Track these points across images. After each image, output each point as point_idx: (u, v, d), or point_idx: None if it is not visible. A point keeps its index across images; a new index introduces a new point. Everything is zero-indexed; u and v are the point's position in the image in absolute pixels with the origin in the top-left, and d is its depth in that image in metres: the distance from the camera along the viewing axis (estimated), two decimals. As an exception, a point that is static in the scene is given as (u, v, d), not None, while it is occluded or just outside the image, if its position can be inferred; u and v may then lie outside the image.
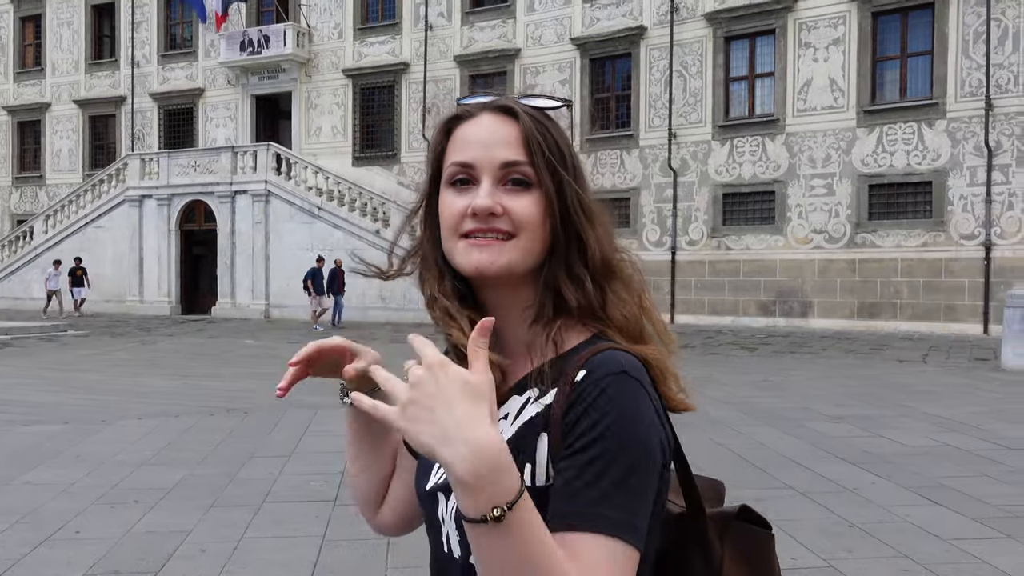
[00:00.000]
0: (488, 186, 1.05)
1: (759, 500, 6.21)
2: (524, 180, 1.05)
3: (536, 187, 1.05)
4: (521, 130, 1.06)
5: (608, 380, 0.99)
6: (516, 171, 1.05)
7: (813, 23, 21.29)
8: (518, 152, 1.05)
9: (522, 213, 1.04)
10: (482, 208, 1.04)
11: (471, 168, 1.06)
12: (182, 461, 7.44)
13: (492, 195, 1.05)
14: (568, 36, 24.97)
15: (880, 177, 20.39)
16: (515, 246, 1.05)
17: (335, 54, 29.16)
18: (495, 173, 1.05)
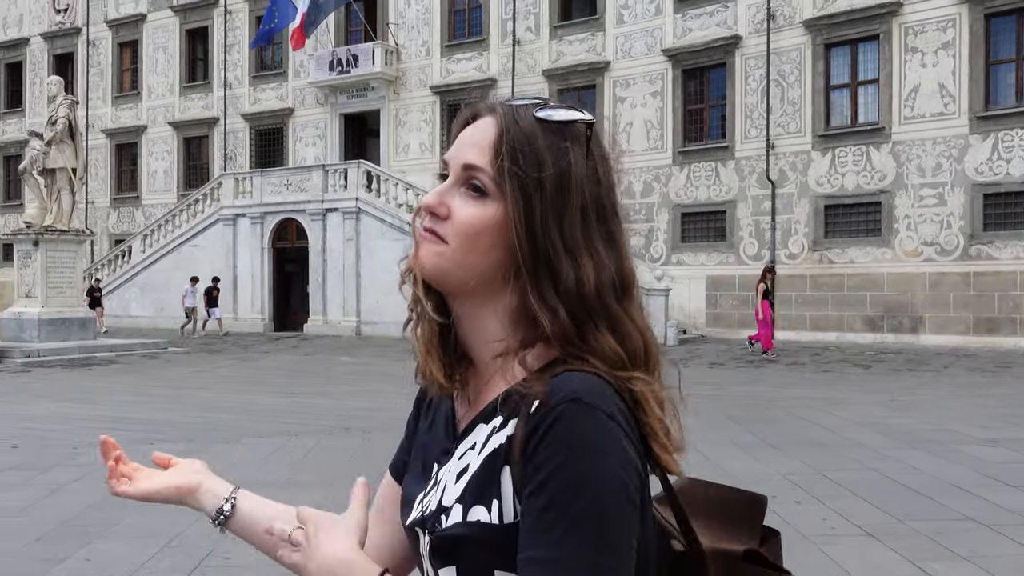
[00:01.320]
0: (446, 185, 1.00)
1: (939, 533, 5.75)
2: (481, 188, 0.97)
3: (494, 199, 0.97)
4: (496, 135, 0.98)
5: (559, 411, 0.90)
6: (473, 175, 0.98)
7: (920, 27, 20.49)
8: (484, 156, 0.97)
9: (461, 220, 0.97)
10: (425, 205, 0.99)
11: (446, 165, 1.02)
12: (316, 483, 7.27)
13: (441, 193, 0.99)
14: (659, 47, 24.57)
15: (996, 186, 19.46)
16: (446, 254, 0.98)
17: (423, 71, 29.30)
18: (459, 174, 1.00)
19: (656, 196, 24.63)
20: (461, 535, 0.95)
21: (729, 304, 22.89)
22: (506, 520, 0.93)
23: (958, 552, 5.38)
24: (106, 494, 1.08)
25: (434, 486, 1.03)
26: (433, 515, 0.99)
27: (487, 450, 0.97)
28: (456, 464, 1.01)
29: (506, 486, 0.93)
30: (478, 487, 0.95)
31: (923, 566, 5.16)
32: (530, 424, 0.92)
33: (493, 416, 0.99)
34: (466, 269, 0.98)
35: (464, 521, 0.95)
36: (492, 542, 0.93)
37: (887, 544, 5.54)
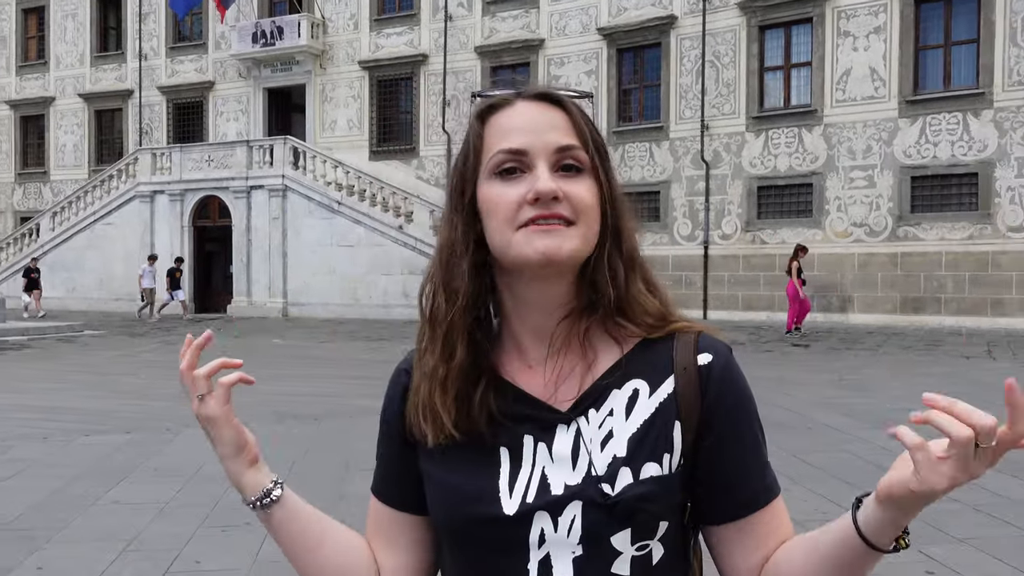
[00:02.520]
0: (545, 169, 1.00)
1: (927, 515, 5.67)
2: (576, 166, 1.02)
3: (588, 173, 1.02)
4: (568, 116, 1.03)
5: (733, 362, 1.05)
6: (570, 155, 1.02)
7: (852, 11, 20.76)
8: (570, 137, 1.02)
9: (581, 198, 1.01)
10: (546, 191, 0.99)
11: (523, 155, 1.01)
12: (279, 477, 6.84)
13: (551, 179, 1.00)
14: (594, 26, 24.38)
15: (923, 169, 19.91)
16: (577, 233, 1.00)
17: (351, 45, 28.50)
18: (550, 158, 1.01)
19: (590, 176, 24.49)
20: (644, 493, 0.98)
21: (663, 284, 22.90)
22: (673, 470, 1.00)
23: (954, 535, 5.32)
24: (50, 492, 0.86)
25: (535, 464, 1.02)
26: (587, 487, 0.99)
27: (641, 411, 1.02)
28: (596, 433, 1.02)
29: (676, 438, 1.01)
30: (646, 446, 1.00)
31: (923, 549, 5.08)
32: (705, 375, 1.03)
33: (625, 380, 1.04)
34: (590, 244, 1.02)
35: (638, 480, 0.99)
36: (663, 494, 0.99)
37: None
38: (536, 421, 1.04)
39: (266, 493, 1.16)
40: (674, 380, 1.03)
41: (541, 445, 1.03)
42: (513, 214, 1.01)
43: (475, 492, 1.03)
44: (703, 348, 1.05)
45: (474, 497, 1.03)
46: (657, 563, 1.01)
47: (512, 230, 1.01)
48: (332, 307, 24.84)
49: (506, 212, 1.01)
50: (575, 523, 0.99)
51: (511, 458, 1.04)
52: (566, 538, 0.99)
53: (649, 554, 1.00)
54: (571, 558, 0.99)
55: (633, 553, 0.99)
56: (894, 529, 0.91)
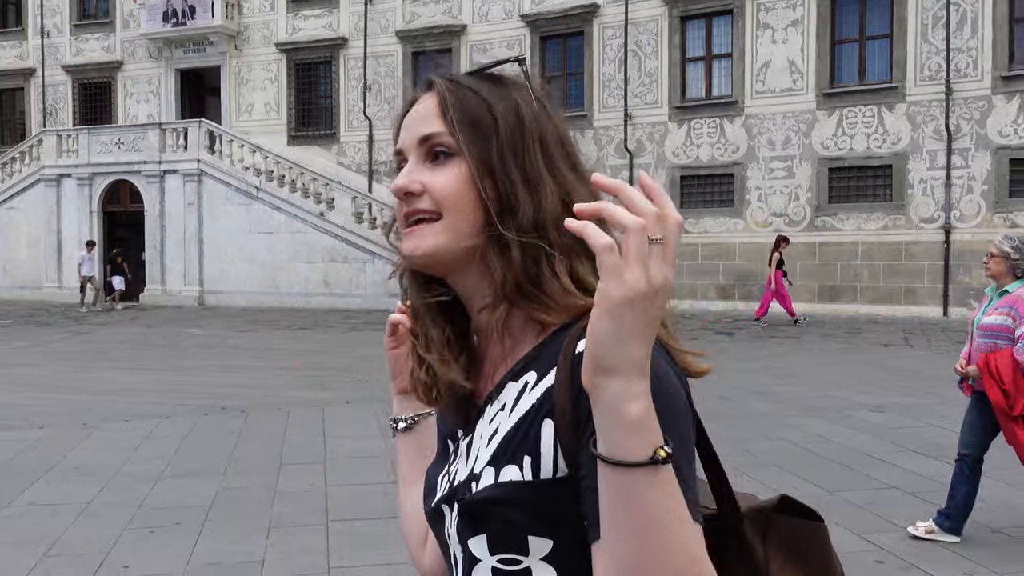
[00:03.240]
0: (410, 165, 0.99)
1: (871, 503, 5.76)
2: (445, 151, 0.97)
3: (459, 156, 0.96)
4: (437, 100, 0.99)
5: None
6: (435, 143, 0.98)
7: (771, 4, 21.08)
8: (434, 123, 0.98)
9: (441, 187, 0.96)
10: (396, 188, 0.98)
11: (402, 155, 1.02)
12: (203, 472, 6.55)
13: (410, 173, 0.98)
14: (517, 13, 24.22)
15: (840, 160, 20.38)
16: (442, 227, 0.96)
17: (267, 27, 27.69)
18: (417, 151, 0.99)
19: (514, 164, 24.38)
20: (491, 497, 0.90)
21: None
22: (542, 475, 0.88)
23: (896, 522, 5.38)
24: None
25: (456, 459, 1.01)
26: (463, 484, 0.95)
27: (519, 409, 0.93)
28: (487, 428, 0.97)
29: (546, 440, 0.89)
30: (511, 446, 0.92)
31: (870, 538, 5.12)
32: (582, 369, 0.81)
33: (524, 372, 0.95)
34: (463, 233, 0.96)
35: (496, 483, 0.91)
36: (525, 502, 0.88)
37: (827, 518, 5.47)
38: (463, 415, 1.03)
39: (394, 421, 1.20)
40: (554, 373, 0.90)
41: (462, 440, 1.02)
42: (399, 211, 1.00)
43: (430, 484, 1.05)
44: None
45: (427, 490, 1.05)
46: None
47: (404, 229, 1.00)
48: (251, 295, 24.18)
49: (399, 213, 1.01)
50: (455, 522, 0.97)
51: (453, 450, 1.04)
52: (454, 535, 0.97)
53: (524, 571, 0.90)
54: (461, 557, 0.96)
55: (494, 564, 0.91)
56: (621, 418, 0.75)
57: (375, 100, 26.23)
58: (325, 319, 20.31)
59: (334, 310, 22.56)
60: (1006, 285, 5.02)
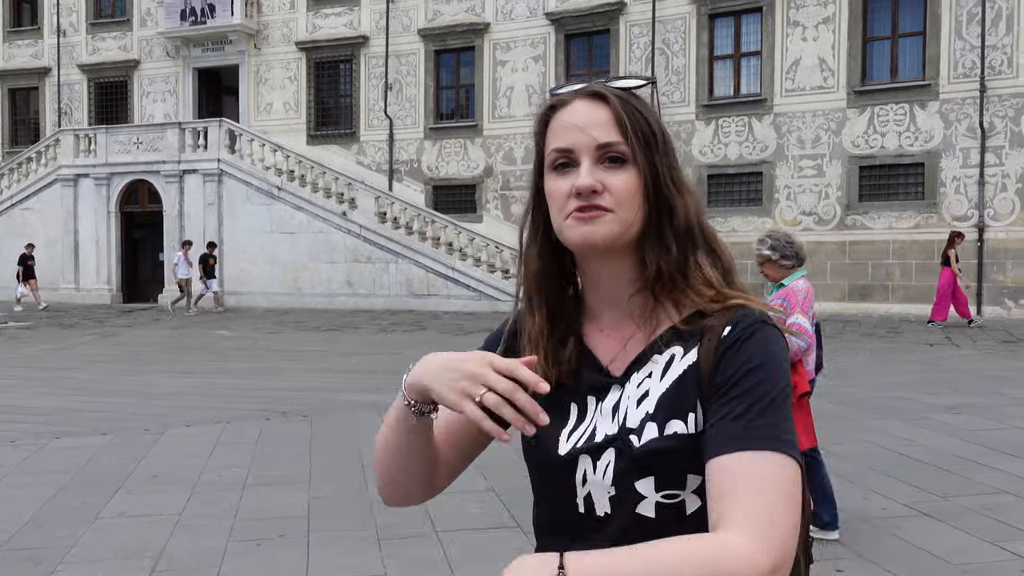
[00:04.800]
0: (588, 166, 1.14)
1: (988, 508, 5.59)
2: (620, 157, 1.14)
3: (631, 163, 1.14)
4: (612, 112, 1.15)
5: (755, 327, 1.12)
6: (612, 150, 1.14)
7: (802, 2, 20.87)
8: (612, 133, 1.14)
9: (620, 188, 1.14)
10: (584, 186, 1.13)
11: (570, 152, 1.16)
12: (289, 480, 6.35)
13: (592, 174, 1.14)
14: (542, 10, 24.02)
15: (871, 159, 20.19)
16: (615, 219, 1.14)
17: (287, 25, 27.49)
18: (593, 154, 1.14)
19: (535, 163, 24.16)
20: (663, 447, 1.11)
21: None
22: (699, 429, 1.10)
23: (1022, 527, 5.20)
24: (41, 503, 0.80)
25: (589, 418, 1.18)
26: (618, 437, 1.14)
27: (672, 374, 1.14)
28: (634, 391, 1.16)
29: (698, 401, 1.11)
30: (672, 405, 1.12)
31: (1005, 546, 4.94)
32: (723, 344, 1.12)
33: (668, 347, 1.16)
34: (631, 226, 1.15)
35: (662, 435, 1.11)
36: (687, 449, 1.10)
37: (951, 524, 5.30)
38: (597, 382, 1.20)
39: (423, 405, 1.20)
40: (697, 350, 1.14)
41: (600, 403, 1.18)
42: (563, 204, 1.16)
43: (544, 436, 1.15)
44: (733, 321, 1.13)
45: (543, 440, 1.17)
46: (692, 513, 1.11)
47: (563, 218, 1.16)
48: (272, 296, 23.98)
49: (558, 202, 1.17)
50: (609, 467, 1.14)
51: (578, 412, 1.20)
52: (602, 480, 1.14)
53: (681, 504, 1.11)
54: (607, 496, 1.14)
55: (658, 499, 1.11)
56: None
57: (396, 99, 26.03)
58: (351, 320, 20.12)
59: (358, 311, 22.37)
60: (782, 279, 5.05)
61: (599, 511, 1.15)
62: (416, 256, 22.73)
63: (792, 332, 4.60)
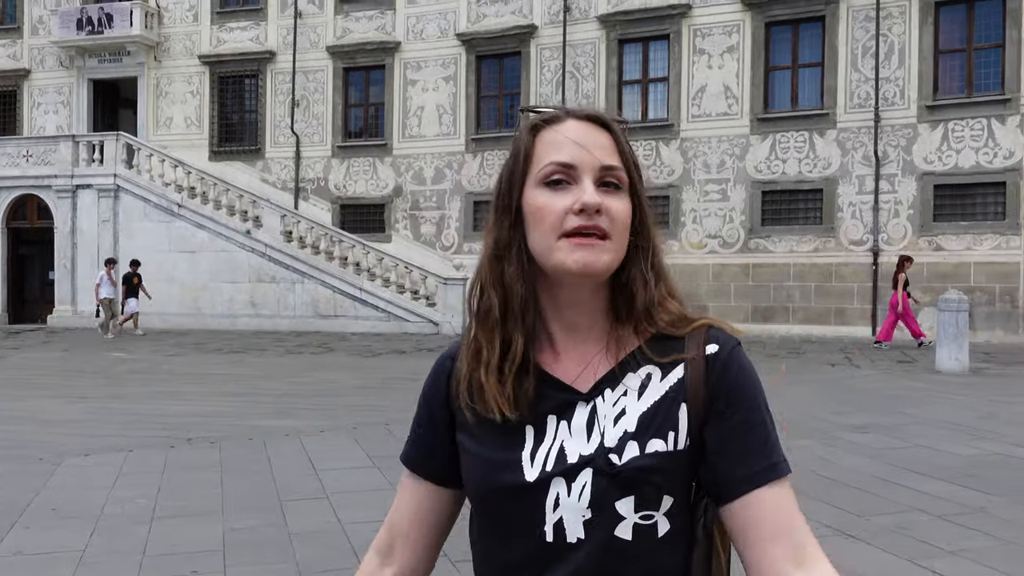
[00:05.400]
0: (591, 184, 1.12)
1: (903, 528, 5.70)
2: (616, 184, 1.14)
3: (625, 191, 1.15)
4: (613, 138, 1.16)
5: (738, 352, 1.17)
6: (613, 175, 1.14)
7: (708, 30, 21.46)
8: (614, 157, 1.15)
9: (618, 213, 1.13)
10: (591, 204, 1.10)
11: (571, 168, 1.13)
12: (199, 512, 6.04)
13: (595, 193, 1.11)
14: (453, 31, 24.03)
15: (773, 184, 20.82)
16: (612, 247, 1.12)
17: (189, 38, 26.76)
18: (595, 174, 1.13)
19: (448, 183, 24.11)
20: (643, 465, 1.10)
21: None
22: (679, 447, 1.12)
23: (941, 547, 5.32)
24: None
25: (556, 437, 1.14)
26: (597, 457, 1.11)
27: (653, 393, 1.14)
28: (610, 410, 1.14)
29: (683, 420, 1.13)
30: (652, 424, 1.12)
31: (924, 564, 5.03)
32: (712, 364, 1.14)
33: (639, 367, 1.16)
34: (621, 256, 1.15)
35: (643, 453, 1.11)
36: (667, 468, 1.11)
37: (872, 543, 5.38)
38: (559, 401, 1.16)
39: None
40: (683, 367, 1.15)
41: (562, 422, 1.15)
42: (559, 222, 1.12)
43: (502, 463, 1.14)
44: (711, 339, 1.16)
45: (501, 467, 1.14)
46: (663, 536, 1.11)
47: (555, 237, 1.12)
48: (170, 317, 23.13)
49: (552, 220, 1.12)
50: (586, 489, 1.10)
51: (535, 433, 1.15)
52: (577, 502, 1.10)
53: (654, 526, 1.11)
54: (581, 521, 1.10)
55: (636, 520, 1.10)
56: None
57: (303, 116, 25.60)
58: (256, 342, 19.57)
59: (262, 332, 21.79)
60: None
61: (571, 537, 1.11)
62: (323, 276, 22.31)
63: None
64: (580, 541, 1.10)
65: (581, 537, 1.10)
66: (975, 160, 18.97)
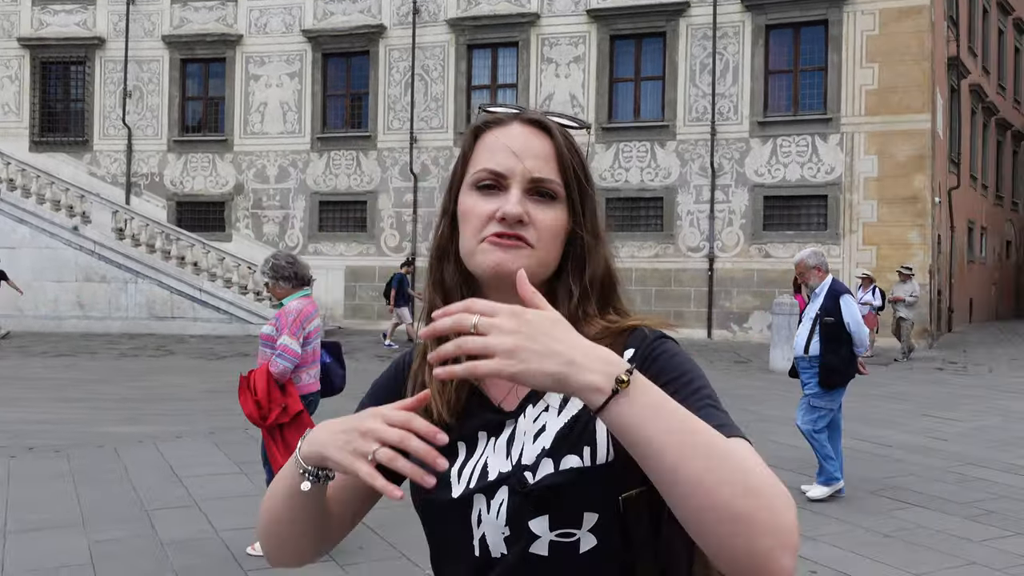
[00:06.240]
0: (517, 194, 1.09)
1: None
2: (551, 194, 1.11)
3: (560, 202, 1.12)
4: (554, 146, 1.12)
5: (659, 343, 1.13)
6: (545, 186, 1.11)
7: (555, 40, 21.95)
8: (549, 168, 1.11)
9: (546, 225, 1.10)
10: (512, 215, 1.08)
11: (501, 177, 1.11)
12: (58, 524, 5.65)
13: (521, 203, 1.09)
14: (299, 27, 23.46)
15: (616, 191, 21.52)
16: (533, 255, 1.10)
17: (7, 19, 24.85)
18: (525, 184, 1.10)
19: (293, 182, 23.52)
20: (557, 483, 1.05)
21: (369, 295, 22.62)
22: (598, 461, 1.06)
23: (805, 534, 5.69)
24: None
25: (479, 455, 1.12)
26: (512, 475, 1.08)
27: (572, 408, 1.09)
28: (530, 426, 1.10)
29: (600, 432, 1.06)
30: (569, 439, 1.07)
31: (790, 551, 5.37)
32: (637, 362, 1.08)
33: None
34: (545, 267, 1.12)
35: (557, 470, 1.06)
36: (584, 484, 1.05)
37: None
38: (488, 419, 1.13)
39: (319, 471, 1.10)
40: None
41: (492, 439, 1.12)
42: (481, 226, 1.10)
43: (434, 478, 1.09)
44: (629, 345, 1.12)
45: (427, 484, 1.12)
46: (586, 552, 1.06)
47: (477, 241, 1.10)
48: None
49: (476, 223, 1.11)
50: (503, 506, 1.08)
51: (466, 449, 1.13)
52: (495, 519, 1.08)
53: (575, 543, 1.06)
54: (502, 537, 1.08)
55: (552, 538, 1.06)
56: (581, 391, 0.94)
57: (136, 107, 24.31)
58: (85, 344, 18.39)
59: (91, 334, 20.50)
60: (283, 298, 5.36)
61: (494, 552, 1.09)
62: (159, 276, 21.24)
63: (277, 354, 4.93)
64: (503, 556, 1.09)
65: (504, 552, 1.09)
66: (800, 174, 20.33)
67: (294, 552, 1.19)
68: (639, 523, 1.08)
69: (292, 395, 5.01)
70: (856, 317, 6.74)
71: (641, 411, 0.91)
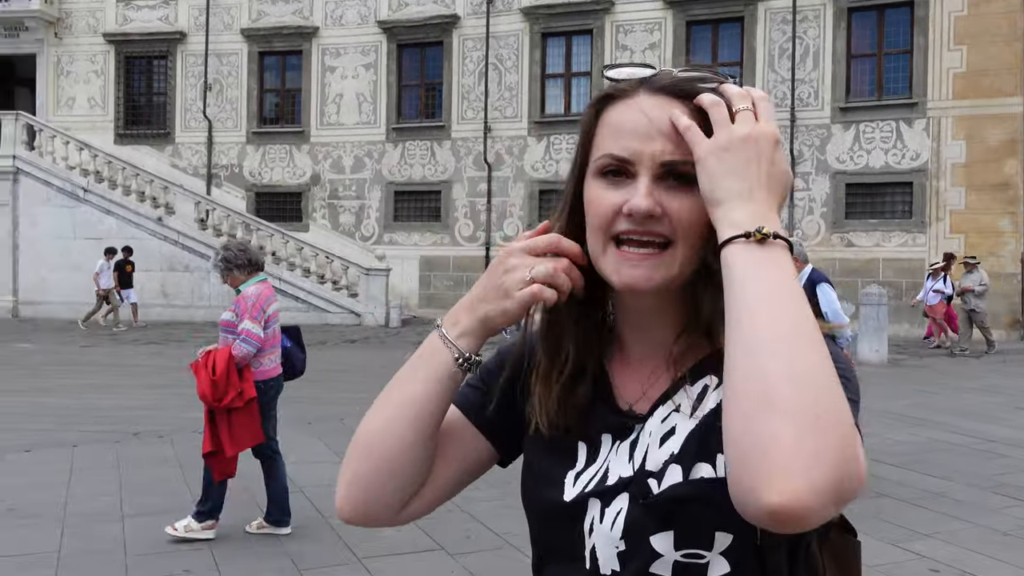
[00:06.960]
0: (646, 183, 0.95)
1: (875, 513, 5.90)
2: (688, 177, 0.94)
3: (695, 186, 0.94)
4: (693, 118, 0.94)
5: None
6: (680, 169, 0.95)
7: (630, 27, 21.73)
8: (682, 145, 0.94)
9: (683, 216, 0.95)
10: (641, 210, 0.94)
11: (628, 164, 0.96)
12: (170, 508, 5.79)
13: (651, 194, 0.95)
14: (374, 18, 23.64)
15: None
16: (672, 257, 0.96)
17: (93, 15, 25.55)
18: (655, 170, 0.95)
19: (368, 172, 23.76)
20: (685, 494, 0.93)
21: (443, 285, 22.77)
22: (720, 474, 0.92)
23: (918, 530, 5.55)
24: None
25: (603, 459, 1.02)
26: (635, 481, 0.96)
27: (705, 407, 0.97)
28: (658, 428, 0.98)
29: None
30: (700, 445, 0.94)
31: (906, 546, 5.24)
32: None
33: (700, 376, 0.99)
34: (688, 266, 0.97)
35: (686, 480, 0.93)
36: (716, 498, 0.89)
37: (851, 529, 5.57)
38: (615, 422, 1.03)
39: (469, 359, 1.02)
40: None
41: (616, 443, 1.02)
42: (607, 222, 0.97)
43: (547, 478, 1.04)
44: None
45: (545, 482, 1.04)
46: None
47: (604, 240, 0.98)
48: (76, 307, 21.93)
49: (601, 218, 0.97)
50: (620, 517, 0.97)
51: (587, 452, 1.03)
52: (609, 531, 0.97)
53: (704, 566, 0.94)
54: (615, 552, 0.97)
55: (677, 558, 0.94)
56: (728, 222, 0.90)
57: (216, 100, 24.81)
58: (170, 333, 18.88)
59: (175, 322, 21.03)
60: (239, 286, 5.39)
61: (604, 569, 0.98)
62: (239, 265, 21.66)
63: (241, 339, 5.03)
64: (614, 573, 0.97)
65: (616, 569, 0.97)
66: (884, 160, 19.80)
67: (396, 492, 1.04)
68: (775, 553, 0.96)
69: (248, 380, 5.13)
70: (834, 306, 6.44)
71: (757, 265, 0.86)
